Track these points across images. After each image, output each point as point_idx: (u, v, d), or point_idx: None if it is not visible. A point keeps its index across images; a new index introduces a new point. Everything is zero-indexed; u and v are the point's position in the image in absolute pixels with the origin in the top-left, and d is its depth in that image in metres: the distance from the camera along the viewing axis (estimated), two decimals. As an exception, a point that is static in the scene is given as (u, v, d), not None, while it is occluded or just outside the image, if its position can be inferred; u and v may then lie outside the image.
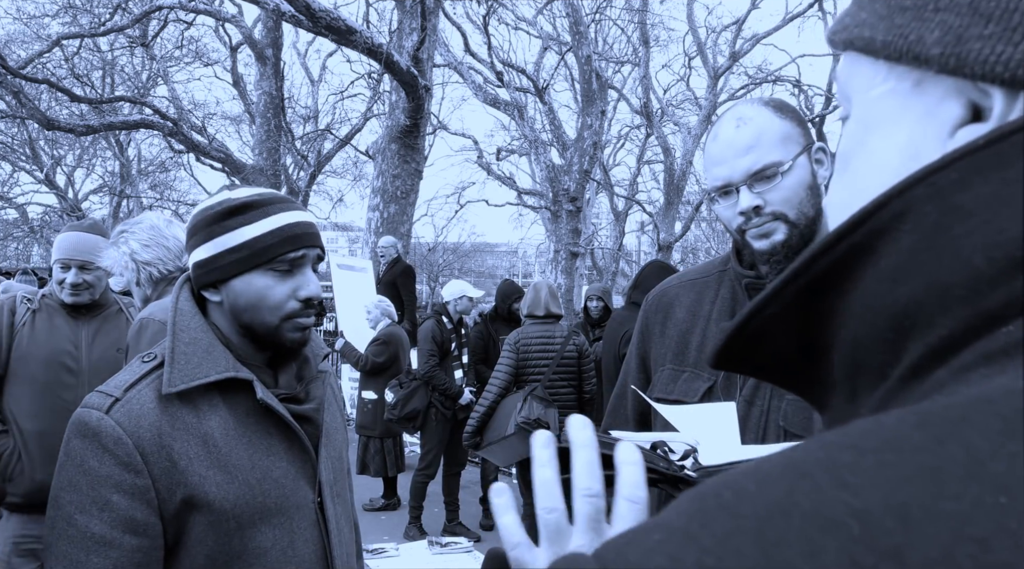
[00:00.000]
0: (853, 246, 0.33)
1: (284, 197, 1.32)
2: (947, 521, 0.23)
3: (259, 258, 1.23)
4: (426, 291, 28.10)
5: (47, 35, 13.62)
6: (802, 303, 0.36)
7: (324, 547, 1.30)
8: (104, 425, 1.14)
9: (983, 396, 0.27)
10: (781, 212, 1.22)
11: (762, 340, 0.38)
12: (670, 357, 1.40)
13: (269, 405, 1.23)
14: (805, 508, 0.25)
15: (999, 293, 0.29)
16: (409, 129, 9.25)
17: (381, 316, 6.04)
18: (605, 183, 20.04)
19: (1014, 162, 0.30)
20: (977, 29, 0.32)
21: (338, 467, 1.40)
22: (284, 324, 1.25)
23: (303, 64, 19.64)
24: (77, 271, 2.58)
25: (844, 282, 0.34)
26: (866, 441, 0.27)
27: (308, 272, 1.27)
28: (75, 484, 1.13)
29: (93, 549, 1.11)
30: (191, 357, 1.20)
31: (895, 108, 0.36)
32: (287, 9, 8.37)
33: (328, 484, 1.34)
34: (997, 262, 0.29)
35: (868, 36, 0.37)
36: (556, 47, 17.44)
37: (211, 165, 15.55)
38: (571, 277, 13.96)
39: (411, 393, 5.39)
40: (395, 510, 5.98)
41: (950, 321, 0.30)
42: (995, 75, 0.31)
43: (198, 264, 1.27)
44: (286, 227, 1.25)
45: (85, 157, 21.48)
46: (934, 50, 0.33)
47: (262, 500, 1.21)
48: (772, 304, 0.36)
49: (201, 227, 1.27)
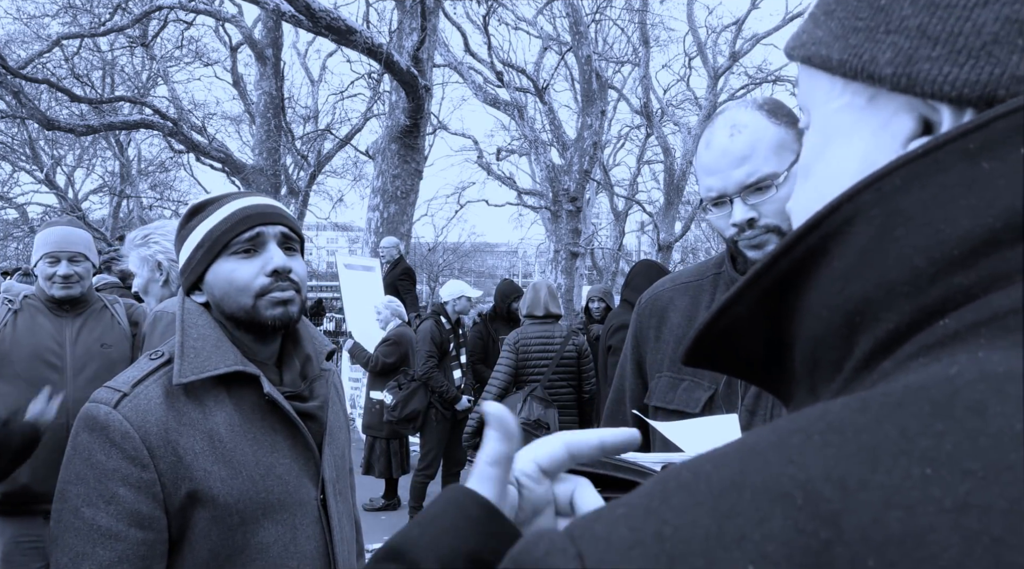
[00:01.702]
0: (809, 248, 0.36)
1: (248, 192, 1.35)
2: (879, 490, 0.26)
3: (218, 245, 1.26)
4: (426, 291, 28.10)
5: (47, 35, 13.62)
6: (766, 302, 0.38)
7: (326, 544, 1.31)
8: (112, 419, 1.15)
9: (918, 383, 0.29)
10: (775, 225, 1.19)
11: (730, 338, 0.40)
12: (667, 363, 1.37)
13: (275, 400, 1.24)
14: (756, 482, 0.28)
15: (937, 289, 0.32)
16: (409, 129, 9.25)
17: (391, 316, 6.04)
18: (605, 183, 20.04)
19: (950, 168, 0.32)
20: (926, 51, 0.34)
21: (340, 465, 1.41)
22: (259, 302, 1.25)
23: (303, 64, 19.65)
24: (67, 263, 2.60)
25: (802, 282, 0.36)
26: (814, 425, 0.29)
27: (271, 246, 1.27)
28: (82, 477, 1.15)
29: (99, 542, 1.13)
30: (200, 351, 1.22)
31: (852, 121, 0.38)
32: (287, 9, 8.37)
33: (331, 482, 1.35)
34: (935, 262, 0.31)
35: (824, 54, 0.39)
36: (556, 47, 17.44)
37: (211, 165, 15.55)
38: (571, 277, 13.96)
39: (411, 394, 5.39)
40: (395, 510, 5.99)
41: (895, 316, 0.33)
42: (943, 94, 0.34)
43: (181, 270, 1.31)
44: (237, 211, 1.27)
45: (85, 157, 21.48)
46: (886, 70, 0.36)
47: (265, 496, 1.22)
48: (738, 304, 0.39)
49: (176, 235, 1.33)
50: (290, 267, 1.27)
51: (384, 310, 6.07)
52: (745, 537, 0.27)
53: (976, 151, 0.31)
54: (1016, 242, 0.30)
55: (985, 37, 0.33)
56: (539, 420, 4.39)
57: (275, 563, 1.23)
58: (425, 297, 24.70)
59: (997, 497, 0.24)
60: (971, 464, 0.25)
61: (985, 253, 0.31)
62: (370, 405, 5.88)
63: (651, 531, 0.29)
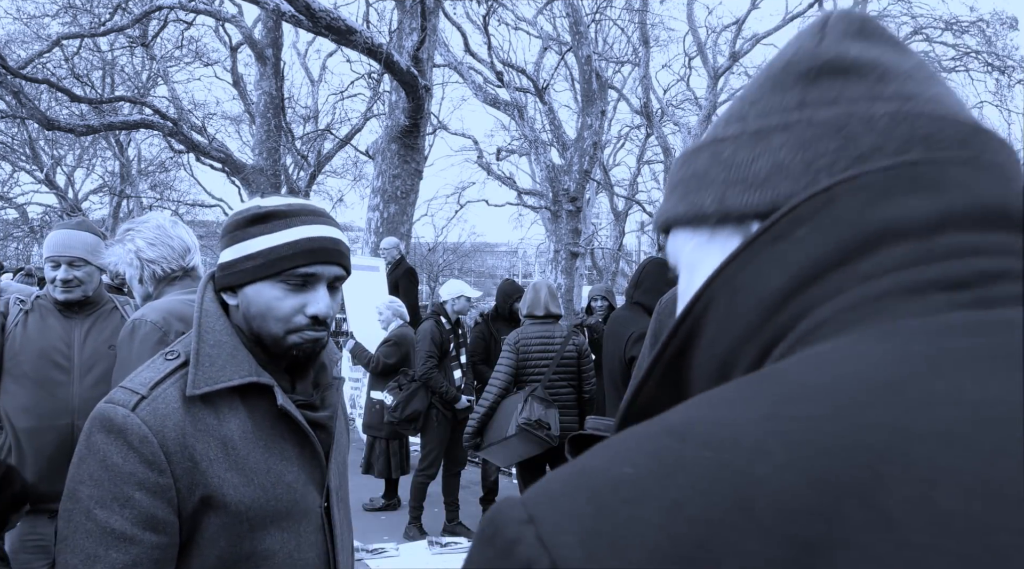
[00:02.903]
0: (687, 330, 0.48)
1: (316, 210, 1.30)
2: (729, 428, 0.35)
3: (271, 269, 1.22)
4: (426, 291, 28.09)
5: (47, 35, 13.62)
6: (668, 375, 0.49)
7: (328, 551, 1.32)
8: (130, 422, 1.14)
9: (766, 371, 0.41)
10: None
11: (650, 407, 0.49)
12: None
13: (288, 411, 1.23)
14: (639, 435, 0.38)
15: (768, 329, 0.44)
16: (409, 129, 9.25)
17: (392, 317, 6.03)
18: (605, 183, 20.04)
19: (761, 251, 0.45)
20: (731, 191, 0.49)
21: (342, 472, 1.42)
22: (289, 336, 1.24)
23: (303, 64, 19.65)
24: (67, 267, 2.59)
25: (688, 352, 0.48)
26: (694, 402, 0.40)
27: (321, 289, 1.25)
28: (96, 479, 1.13)
29: (112, 544, 1.12)
30: (215, 359, 1.21)
31: (703, 253, 0.52)
32: (287, 9, 8.37)
33: (335, 490, 1.35)
34: (762, 312, 0.44)
35: (674, 215, 0.54)
36: (556, 47, 17.44)
37: (211, 165, 15.55)
38: (571, 277, 13.96)
39: (411, 395, 5.39)
40: (395, 510, 5.98)
41: (748, 355, 0.45)
42: (749, 215, 0.48)
43: (221, 266, 1.28)
44: (303, 241, 1.23)
45: (85, 157, 21.48)
46: (711, 208, 0.50)
47: (275, 504, 1.23)
48: (649, 381, 0.50)
49: (228, 231, 1.28)
50: (331, 314, 1.26)
51: (385, 311, 6.06)
52: None
53: (775, 238, 0.44)
54: (806, 288, 0.43)
55: (763, 175, 0.47)
56: (539, 420, 4.39)
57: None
58: (425, 297, 24.69)
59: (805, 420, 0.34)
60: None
61: (791, 298, 0.43)
62: (371, 405, 5.88)
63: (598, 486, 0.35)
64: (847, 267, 0.42)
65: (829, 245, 0.43)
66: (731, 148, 0.49)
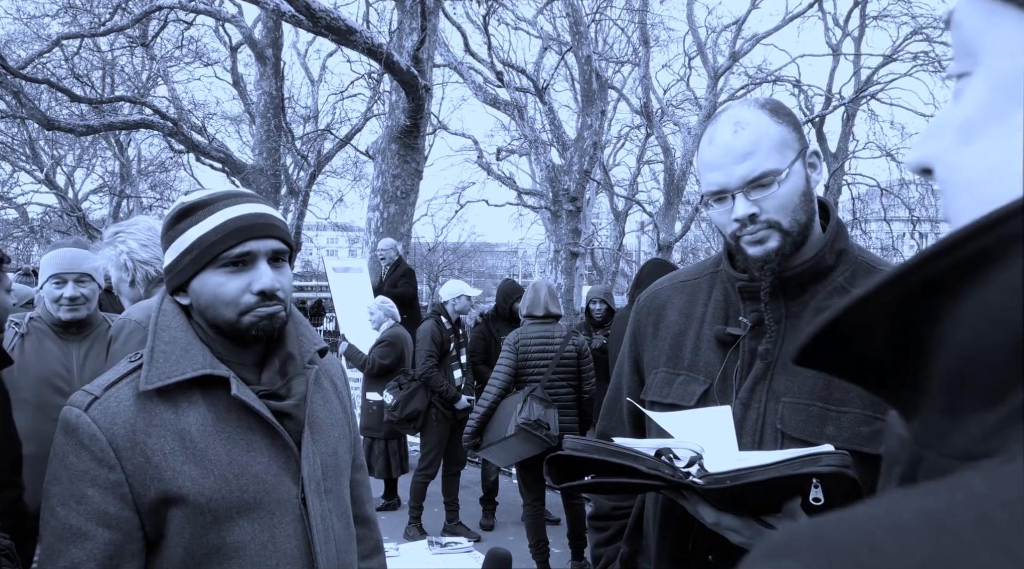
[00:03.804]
0: (982, 249, 0.29)
1: (236, 192, 1.31)
2: None
3: (206, 256, 1.24)
4: (426, 291, 28.10)
5: (47, 35, 13.62)
6: (907, 303, 0.32)
7: (308, 542, 1.31)
8: (81, 422, 1.19)
9: None
10: (775, 220, 1.22)
11: (853, 338, 0.35)
12: (664, 360, 1.39)
13: (244, 401, 1.24)
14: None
15: None
16: (409, 129, 9.25)
17: (384, 317, 6.02)
18: (605, 183, 20.03)
19: None
20: None
21: (331, 462, 1.39)
22: (243, 318, 1.26)
23: (303, 64, 19.64)
24: (74, 284, 2.57)
25: (963, 287, 0.30)
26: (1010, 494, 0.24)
27: (261, 265, 1.26)
28: (58, 478, 1.19)
29: (72, 540, 1.17)
30: (169, 355, 1.23)
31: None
32: (287, 9, 8.37)
33: (314, 480, 1.33)
34: None
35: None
36: (556, 47, 17.43)
37: (211, 165, 15.54)
38: (571, 277, 13.95)
39: (411, 394, 5.39)
40: (395, 510, 5.98)
41: None
42: None
43: (166, 270, 1.31)
44: (227, 222, 1.25)
45: (85, 157, 21.47)
46: None
47: (239, 495, 1.23)
48: (875, 300, 0.33)
49: (164, 233, 1.31)
50: (277, 286, 1.27)
51: (377, 311, 6.05)
52: None
53: None
54: None
55: None
56: (539, 420, 4.39)
57: (253, 562, 1.23)
58: (425, 297, 24.70)
59: None
60: None
61: None
62: (367, 406, 5.87)
63: None
64: None
65: None
66: None
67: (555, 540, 5.04)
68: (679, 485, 1.08)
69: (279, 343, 1.35)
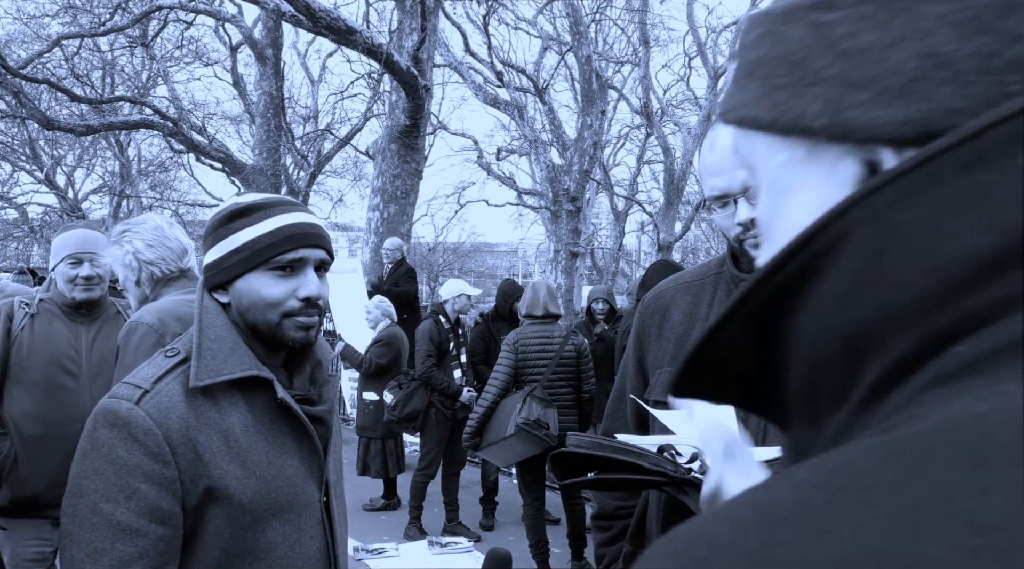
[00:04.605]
0: (799, 268, 0.33)
1: (291, 201, 1.34)
2: (926, 567, 0.23)
3: (258, 258, 1.25)
4: (426, 291, 28.11)
5: (47, 35, 13.63)
6: (755, 326, 0.36)
7: (327, 544, 1.34)
8: (135, 415, 1.17)
9: (946, 425, 0.26)
10: None
11: (719, 364, 0.38)
12: (668, 360, 1.40)
13: (288, 405, 1.26)
14: (782, 560, 0.24)
15: (946, 314, 0.29)
16: (409, 129, 9.25)
17: (381, 316, 6.01)
18: (605, 183, 20.03)
19: (946, 181, 0.29)
20: (851, 97, 0.33)
21: (338, 469, 1.45)
22: (285, 322, 1.26)
23: (303, 64, 19.64)
24: (90, 264, 2.58)
25: (793, 304, 0.34)
26: (836, 478, 0.26)
27: (309, 272, 1.28)
28: (102, 473, 1.16)
29: (119, 537, 1.14)
30: (217, 353, 1.23)
31: (798, 174, 0.37)
32: (287, 9, 8.37)
33: (333, 484, 1.38)
34: (941, 283, 0.29)
35: (754, 115, 0.38)
36: (556, 47, 17.43)
37: (211, 165, 15.55)
38: (571, 277, 13.95)
39: (411, 393, 5.38)
40: (395, 510, 5.98)
41: (903, 342, 0.30)
42: (879, 138, 0.33)
43: (208, 267, 1.30)
44: (285, 227, 1.26)
45: (85, 157, 21.47)
46: (817, 122, 0.34)
47: (276, 496, 1.25)
48: (726, 328, 0.36)
49: (211, 230, 1.31)
50: (321, 294, 1.29)
51: (375, 310, 6.05)
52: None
53: (972, 162, 0.29)
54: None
55: (907, 75, 0.32)
56: (539, 420, 4.39)
57: (281, 562, 1.25)
58: (425, 297, 24.70)
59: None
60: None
61: (995, 274, 0.28)
62: (363, 406, 5.87)
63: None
64: None
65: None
66: (849, 21, 0.34)
67: (555, 540, 5.03)
68: (681, 481, 1.08)
69: (307, 349, 1.37)
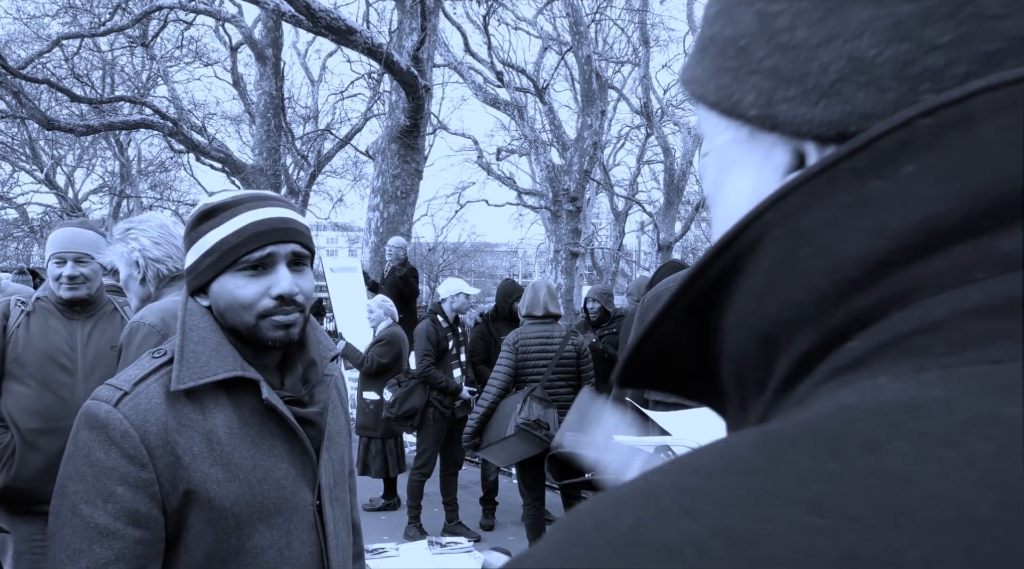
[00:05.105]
0: (723, 268, 0.35)
1: (260, 195, 1.31)
2: (766, 543, 0.24)
3: (227, 259, 1.23)
4: (426, 291, 28.11)
5: (47, 35, 13.63)
6: (691, 320, 0.38)
7: (321, 549, 1.31)
8: (112, 418, 1.15)
9: (817, 415, 0.28)
10: None
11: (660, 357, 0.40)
12: None
13: (273, 406, 1.23)
14: (650, 538, 0.26)
15: (842, 311, 0.31)
16: (409, 129, 9.26)
17: (383, 316, 6.01)
18: (605, 183, 20.04)
19: (842, 188, 0.31)
20: (782, 92, 0.35)
21: (339, 470, 1.40)
22: (262, 323, 1.24)
23: (303, 64, 19.65)
24: (73, 264, 2.59)
25: (721, 301, 0.36)
26: (713, 463, 0.28)
27: (280, 269, 1.25)
28: (81, 474, 1.15)
29: (96, 539, 1.13)
30: (200, 355, 1.21)
31: (738, 154, 0.39)
32: (287, 9, 8.37)
33: (328, 488, 1.34)
34: (838, 283, 0.31)
35: (702, 93, 0.40)
36: (556, 47, 17.44)
37: (211, 165, 15.56)
38: (571, 277, 13.96)
39: (409, 391, 5.38)
40: (395, 510, 5.98)
41: (806, 337, 0.33)
42: (803, 134, 0.35)
43: (187, 271, 1.29)
44: (249, 226, 1.24)
45: (85, 157, 21.48)
46: (751, 111, 0.36)
47: (261, 500, 1.22)
48: (664, 323, 0.38)
49: (186, 234, 1.30)
50: (296, 290, 1.26)
51: (377, 309, 6.05)
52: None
53: (863, 170, 0.31)
54: (910, 262, 0.30)
55: (832, 76, 0.33)
56: (539, 420, 4.39)
57: (270, 567, 1.23)
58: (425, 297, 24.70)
59: (882, 547, 0.23)
60: (858, 510, 0.24)
61: (882, 274, 0.30)
62: (364, 406, 5.86)
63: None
64: (991, 238, 0.29)
65: (961, 196, 0.29)
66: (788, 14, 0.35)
67: (555, 540, 5.03)
68: None
69: (301, 348, 1.35)
